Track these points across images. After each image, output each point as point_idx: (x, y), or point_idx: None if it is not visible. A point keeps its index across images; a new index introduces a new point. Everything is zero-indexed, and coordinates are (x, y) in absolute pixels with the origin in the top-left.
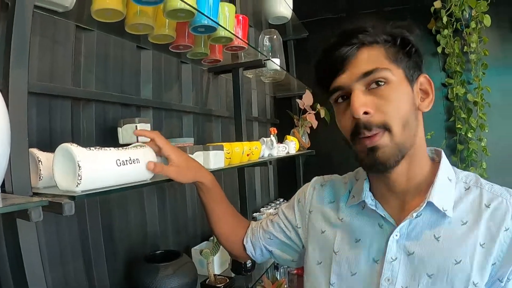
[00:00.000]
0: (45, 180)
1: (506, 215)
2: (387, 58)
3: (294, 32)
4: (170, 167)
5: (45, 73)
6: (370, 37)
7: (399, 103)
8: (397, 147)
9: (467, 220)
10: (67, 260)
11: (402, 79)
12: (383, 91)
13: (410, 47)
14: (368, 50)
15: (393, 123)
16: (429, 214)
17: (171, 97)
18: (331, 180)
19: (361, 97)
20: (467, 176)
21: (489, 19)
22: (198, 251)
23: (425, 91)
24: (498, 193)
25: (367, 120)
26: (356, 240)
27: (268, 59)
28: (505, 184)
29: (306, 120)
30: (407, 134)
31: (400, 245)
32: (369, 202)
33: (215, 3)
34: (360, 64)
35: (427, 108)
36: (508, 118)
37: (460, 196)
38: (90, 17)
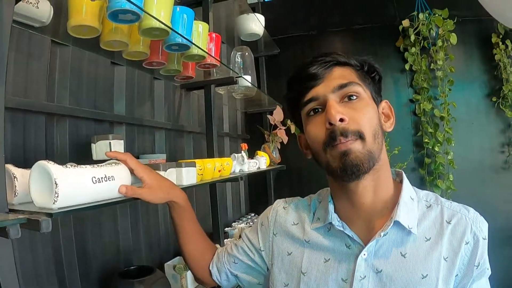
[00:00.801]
0: (20, 196)
1: (466, 230)
2: (358, 77)
3: (266, 49)
4: (143, 189)
5: (20, 88)
6: (342, 58)
7: (370, 116)
8: (368, 154)
9: (431, 236)
10: (41, 278)
11: (370, 98)
12: (355, 104)
13: (375, 74)
14: (341, 68)
15: (366, 132)
16: (395, 233)
17: (143, 113)
18: (293, 202)
19: (336, 106)
20: (427, 195)
21: (455, 37)
22: (171, 266)
23: (387, 114)
24: (457, 209)
25: (343, 127)
26: (325, 260)
27: (240, 76)
28: (472, 195)
29: (276, 136)
30: (376, 145)
31: (369, 263)
32: (336, 223)
33: (189, 22)
34: (335, 78)
35: (389, 129)
36: (473, 131)
37: (423, 213)
38: (66, 32)
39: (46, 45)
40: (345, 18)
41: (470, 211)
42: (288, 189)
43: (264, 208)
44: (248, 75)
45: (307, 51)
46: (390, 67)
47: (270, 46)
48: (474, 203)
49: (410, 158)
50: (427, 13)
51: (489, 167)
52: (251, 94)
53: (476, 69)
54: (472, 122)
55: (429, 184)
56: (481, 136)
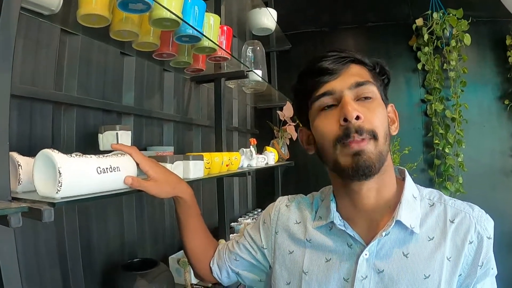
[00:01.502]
0: (24, 184)
1: (470, 229)
2: (372, 78)
3: (277, 44)
4: (149, 182)
5: (28, 76)
6: (359, 55)
7: (382, 117)
8: (379, 155)
9: (434, 235)
10: (44, 269)
11: (381, 99)
12: (370, 104)
13: (385, 76)
14: (357, 66)
15: (379, 132)
16: (397, 232)
17: (152, 104)
18: (295, 200)
19: (353, 103)
20: (430, 193)
21: (469, 38)
22: (176, 259)
23: (392, 118)
24: (461, 208)
25: (358, 125)
26: (326, 260)
27: (251, 70)
28: (481, 198)
29: (286, 132)
30: (386, 147)
31: (370, 263)
32: (338, 222)
33: (200, 13)
34: (352, 75)
35: (394, 132)
36: (484, 134)
37: (426, 212)
38: (76, 21)
39: (55, 33)
40: (358, 16)
41: (474, 209)
42: (295, 185)
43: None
44: (259, 69)
45: (319, 47)
46: (402, 66)
47: (282, 41)
48: (483, 206)
49: (420, 159)
50: (441, 12)
51: (499, 171)
52: (261, 89)
53: (489, 71)
54: (484, 125)
55: (438, 186)
56: (492, 139)
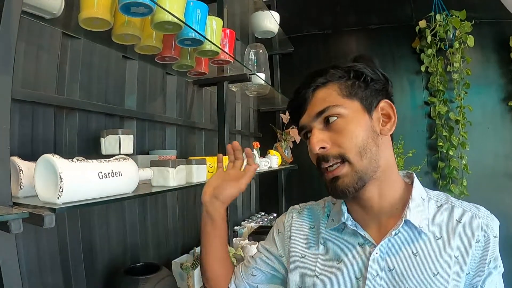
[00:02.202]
0: (25, 189)
1: (476, 228)
2: (340, 94)
3: (280, 47)
4: None
5: (29, 80)
6: (323, 78)
7: (351, 133)
8: (357, 176)
9: (441, 235)
10: (46, 273)
11: (357, 110)
12: (336, 125)
13: (363, 77)
14: (322, 90)
15: (350, 153)
16: (406, 232)
17: (155, 108)
18: (308, 206)
19: (317, 135)
20: (438, 195)
21: (473, 39)
22: (179, 264)
23: (387, 115)
24: (468, 209)
25: (324, 153)
26: (338, 262)
27: (254, 73)
28: (485, 201)
29: (289, 135)
30: (367, 162)
31: (381, 262)
32: (349, 223)
33: (202, 17)
34: (315, 104)
35: (389, 131)
36: (488, 136)
37: (434, 213)
38: (77, 25)
39: (57, 37)
40: (360, 18)
41: (480, 210)
42: (299, 188)
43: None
44: (262, 72)
45: (322, 50)
46: (405, 68)
47: (285, 44)
48: (487, 209)
49: (424, 161)
50: (444, 14)
51: (503, 174)
52: (265, 92)
53: (493, 72)
54: (488, 127)
55: (442, 189)
56: (496, 142)
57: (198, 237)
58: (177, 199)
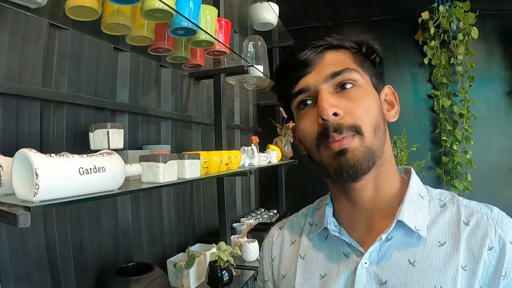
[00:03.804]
0: (5, 186)
1: (489, 232)
2: (354, 62)
3: (280, 39)
4: None
5: (14, 72)
6: (336, 41)
7: (369, 105)
8: (368, 152)
9: (445, 240)
10: (33, 273)
11: (369, 84)
12: (352, 93)
13: (375, 56)
14: (334, 53)
15: (364, 126)
16: (401, 236)
17: (148, 101)
18: (289, 221)
19: (329, 98)
20: (441, 193)
21: (477, 31)
22: (173, 263)
23: (390, 102)
24: (478, 208)
25: (337, 122)
26: (320, 277)
27: (251, 65)
28: (490, 197)
29: (289, 129)
30: (377, 140)
31: (371, 273)
32: (332, 228)
33: (196, 5)
34: (327, 66)
35: (393, 118)
36: (493, 130)
37: (436, 214)
38: (65, 15)
39: (43, 27)
40: (362, 9)
41: (493, 210)
42: (299, 184)
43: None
44: (260, 65)
45: None
46: (408, 61)
47: (284, 36)
48: (492, 205)
49: (428, 156)
50: (448, 5)
51: (508, 169)
52: (263, 85)
53: (497, 65)
54: (492, 121)
55: (446, 184)
56: (501, 136)
57: (194, 235)
58: (172, 195)
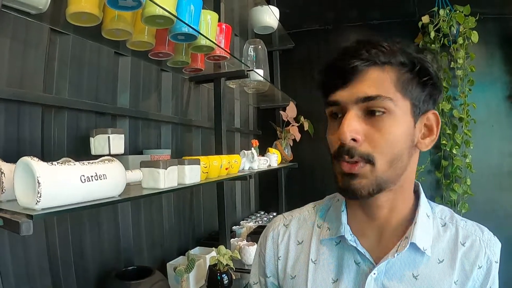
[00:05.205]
0: (8, 193)
1: (480, 253)
2: (395, 85)
3: (280, 43)
4: None
5: (15, 78)
6: (384, 56)
7: (393, 137)
8: (375, 182)
9: (444, 258)
10: (34, 277)
11: (405, 112)
12: (379, 121)
13: (427, 78)
14: (377, 70)
15: (379, 157)
16: (408, 253)
17: (149, 106)
18: (294, 218)
19: (353, 122)
20: (442, 211)
21: (477, 35)
22: (173, 267)
23: (430, 128)
24: (472, 230)
25: (352, 147)
26: (333, 281)
27: (252, 69)
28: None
29: (289, 133)
30: (392, 172)
31: (378, 283)
32: (349, 238)
33: (196, 11)
34: (363, 85)
35: (426, 148)
36: (493, 135)
37: (438, 233)
38: (66, 20)
39: (44, 33)
40: (362, 13)
41: (484, 233)
42: (299, 187)
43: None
44: (261, 69)
45: (323, 46)
46: None
47: (285, 40)
48: (491, 209)
49: (428, 161)
50: (448, 9)
51: (507, 173)
52: (264, 89)
53: (497, 69)
54: (492, 125)
55: (446, 188)
56: (501, 140)
57: (194, 238)
58: (172, 199)
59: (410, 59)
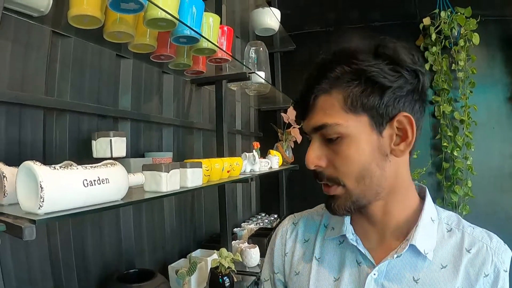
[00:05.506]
0: (10, 196)
1: (486, 261)
2: (343, 108)
3: (281, 45)
4: None
5: (17, 81)
6: (329, 82)
7: (353, 158)
8: (351, 200)
9: (447, 264)
10: (36, 281)
11: (363, 129)
12: (336, 145)
13: (377, 86)
14: (325, 98)
15: (345, 178)
16: (409, 256)
17: (151, 108)
18: (303, 217)
19: (313, 151)
20: (449, 217)
21: (478, 37)
22: (174, 270)
23: (404, 131)
24: (479, 237)
25: (319, 172)
26: (334, 279)
27: (253, 72)
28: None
29: (290, 135)
30: (365, 187)
31: (378, 284)
32: (350, 237)
33: (198, 13)
34: (314, 115)
35: (402, 153)
36: (494, 137)
37: (443, 238)
38: (67, 23)
39: (46, 35)
40: (363, 15)
41: (493, 240)
42: (300, 189)
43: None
44: (262, 71)
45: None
46: None
47: (286, 42)
48: (492, 211)
49: (429, 163)
50: (449, 11)
51: (509, 175)
52: (265, 91)
53: (498, 71)
54: (493, 127)
55: (447, 190)
56: (502, 142)
57: (196, 240)
58: (173, 201)
59: (356, 72)
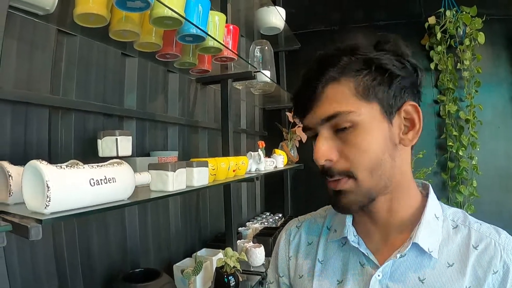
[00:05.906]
0: (15, 196)
1: (495, 257)
2: (355, 95)
3: (286, 44)
4: None
5: (22, 79)
6: (337, 70)
7: (366, 147)
8: (362, 193)
9: (454, 262)
10: (41, 280)
11: (375, 116)
12: (348, 135)
13: (387, 75)
14: (334, 86)
15: (358, 170)
16: (413, 255)
17: (156, 107)
18: (307, 220)
19: (323, 145)
20: (455, 213)
21: (483, 36)
22: (180, 269)
23: (411, 121)
24: (487, 233)
25: (329, 167)
26: (338, 282)
27: (258, 71)
28: (496, 202)
29: (295, 134)
30: (377, 179)
31: (383, 285)
32: (352, 238)
33: (204, 12)
34: (324, 105)
35: (411, 142)
36: (499, 136)
37: (448, 235)
38: (73, 21)
39: (51, 34)
40: (368, 14)
41: (501, 235)
42: (305, 188)
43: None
44: (267, 70)
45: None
46: None
47: (291, 40)
48: (497, 211)
49: (434, 163)
50: (455, 10)
51: None
52: (270, 90)
53: (504, 70)
54: (499, 126)
55: (452, 190)
56: (507, 141)
57: (201, 239)
58: (179, 200)
59: (365, 62)
